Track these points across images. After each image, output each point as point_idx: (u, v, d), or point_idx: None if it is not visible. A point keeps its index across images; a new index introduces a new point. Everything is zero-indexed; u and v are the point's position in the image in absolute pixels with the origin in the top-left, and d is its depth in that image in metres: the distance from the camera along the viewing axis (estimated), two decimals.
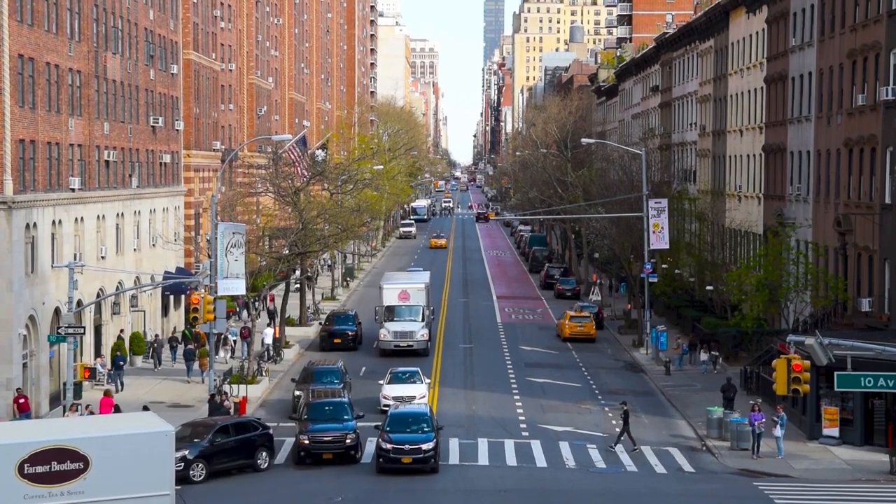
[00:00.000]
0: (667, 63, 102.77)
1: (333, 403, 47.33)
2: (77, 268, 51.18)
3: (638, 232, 74.28)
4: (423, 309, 70.99)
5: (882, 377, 40.25)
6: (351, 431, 44.75)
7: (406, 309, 70.68)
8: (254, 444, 43.57)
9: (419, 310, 70.70)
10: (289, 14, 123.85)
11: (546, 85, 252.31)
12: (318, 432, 44.52)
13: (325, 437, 44.37)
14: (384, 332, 69.22)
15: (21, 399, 48.75)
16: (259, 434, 44.06)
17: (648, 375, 64.84)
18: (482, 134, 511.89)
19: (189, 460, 41.30)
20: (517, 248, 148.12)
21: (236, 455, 43.02)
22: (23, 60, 50.88)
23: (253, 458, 43.35)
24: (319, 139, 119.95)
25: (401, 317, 70.25)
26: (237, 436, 43.30)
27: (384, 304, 71.03)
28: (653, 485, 42.17)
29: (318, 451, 44.22)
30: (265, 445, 43.92)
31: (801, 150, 64.34)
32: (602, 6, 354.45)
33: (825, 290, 57.70)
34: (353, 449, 44.63)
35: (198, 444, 42.06)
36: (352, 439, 44.63)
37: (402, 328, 69.22)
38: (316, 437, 44.31)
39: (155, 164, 71.40)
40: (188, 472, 41.02)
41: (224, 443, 42.75)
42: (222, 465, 42.47)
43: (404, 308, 70.73)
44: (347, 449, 44.46)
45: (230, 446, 42.88)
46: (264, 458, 43.62)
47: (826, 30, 60.79)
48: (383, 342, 69.05)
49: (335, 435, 44.46)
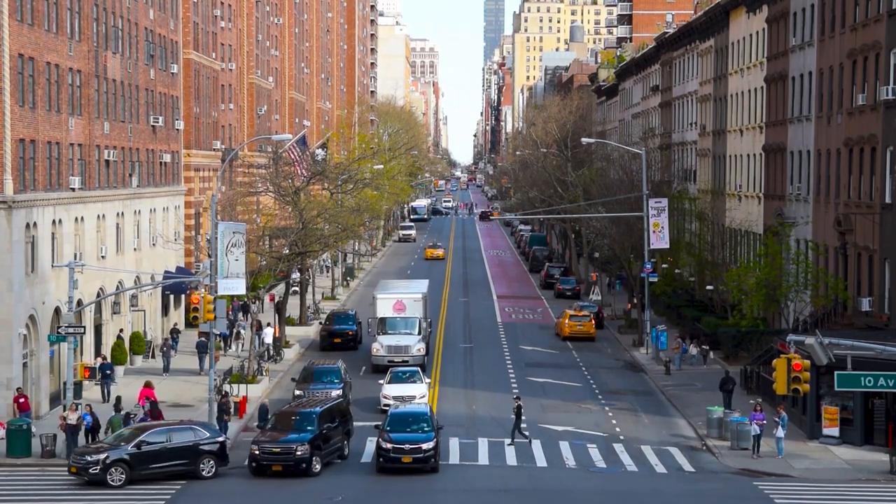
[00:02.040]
0: (667, 63, 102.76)
1: (300, 413, 44.58)
2: (77, 267, 51.14)
3: (638, 231, 74.27)
4: (420, 321, 66.08)
5: (882, 377, 40.28)
6: (303, 443, 42.13)
7: (401, 321, 65.76)
8: (197, 450, 42.11)
9: (415, 322, 65.78)
10: (289, 14, 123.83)
11: (546, 84, 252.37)
12: (267, 442, 42.56)
13: (275, 448, 42.23)
14: (377, 347, 64.03)
15: (21, 399, 48.75)
16: (205, 440, 42.47)
17: (648, 375, 64.86)
18: (482, 133, 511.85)
19: (108, 464, 40.55)
20: (517, 247, 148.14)
21: (171, 461, 41.71)
22: (23, 60, 50.87)
23: (195, 465, 41.85)
24: (319, 139, 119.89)
25: (395, 329, 65.19)
26: (174, 442, 41.96)
27: (377, 315, 66.45)
28: (653, 484, 42.18)
29: (267, 462, 42.14)
30: (212, 453, 42.25)
31: (802, 150, 64.34)
32: (602, 6, 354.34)
33: (825, 289, 57.70)
34: (305, 462, 42.00)
35: (124, 447, 41.31)
36: (303, 451, 42.05)
37: (397, 342, 63.96)
38: (265, 447, 42.34)
39: (155, 164, 71.40)
40: (105, 475, 40.43)
41: (153, 448, 41.46)
42: (149, 472, 41.28)
43: (399, 320, 65.81)
44: (298, 462, 42.01)
45: (163, 451, 41.63)
46: (209, 465, 42.03)
47: (826, 29, 60.78)
48: (376, 357, 63.81)
49: (284, 447, 42.19)
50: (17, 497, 39.71)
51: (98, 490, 40.06)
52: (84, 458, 41.12)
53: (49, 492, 40.52)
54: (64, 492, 40.41)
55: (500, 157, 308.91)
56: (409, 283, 78.77)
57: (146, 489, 40.36)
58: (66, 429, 45.62)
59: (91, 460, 40.79)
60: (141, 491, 40.13)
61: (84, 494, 39.86)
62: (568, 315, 77.80)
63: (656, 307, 79.73)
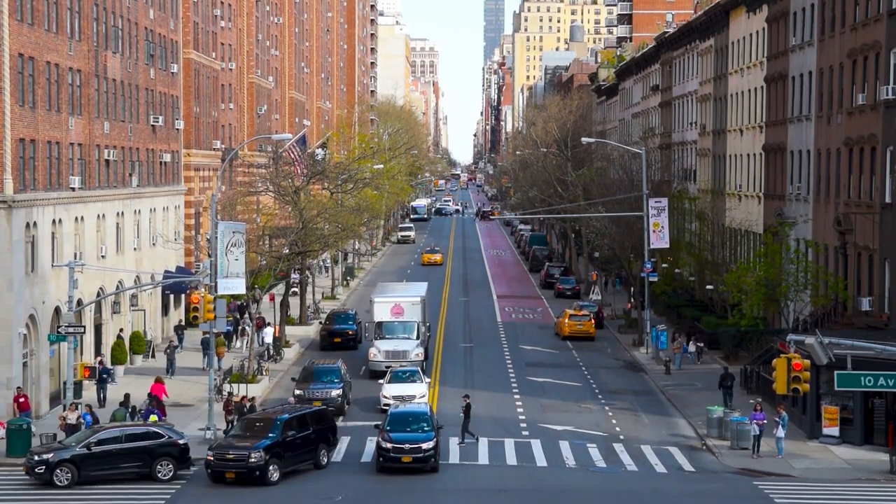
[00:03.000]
0: (667, 62, 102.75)
1: (263, 420, 43.56)
2: (77, 267, 51.15)
3: (638, 231, 74.28)
4: (419, 325, 64.81)
5: (882, 376, 40.28)
6: (258, 450, 40.80)
7: (399, 325, 64.46)
8: (153, 453, 41.61)
9: (414, 326, 64.50)
10: (289, 13, 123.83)
11: (546, 84, 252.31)
12: (223, 448, 41.39)
13: (228, 454, 40.98)
14: (374, 352, 62.79)
15: (21, 398, 48.76)
16: (163, 442, 41.98)
17: (648, 375, 64.87)
18: (482, 133, 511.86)
19: (52, 465, 40.33)
20: (517, 247, 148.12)
21: (124, 463, 41.39)
22: (23, 60, 50.87)
23: (151, 467, 41.39)
24: (319, 138, 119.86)
25: (393, 334, 63.89)
26: (128, 443, 41.59)
27: (375, 319, 65.04)
28: (653, 484, 42.17)
29: (220, 469, 40.94)
30: (170, 455, 41.71)
31: (802, 150, 64.33)
32: (602, 5, 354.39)
33: (825, 289, 57.70)
34: (259, 470, 40.63)
35: (72, 448, 41.07)
36: (257, 459, 40.66)
37: (395, 347, 62.73)
38: (219, 453, 41.09)
39: (155, 164, 71.40)
40: (52, 476, 40.24)
41: (105, 449, 41.23)
42: (100, 473, 40.95)
43: (397, 325, 64.52)
44: (251, 470, 40.65)
45: (116, 453, 41.33)
46: (167, 468, 41.51)
47: (826, 29, 60.77)
48: (373, 363, 62.56)
49: (238, 454, 40.86)
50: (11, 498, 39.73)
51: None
52: (33, 458, 40.92)
53: (12, 493, 40.30)
54: (19, 492, 40.23)
55: (500, 156, 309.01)
56: (408, 286, 77.96)
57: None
58: (65, 428, 45.67)
59: (37, 460, 40.61)
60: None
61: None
62: (568, 315, 77.80)
63: (656, 307, 79.74)
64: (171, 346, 63.10)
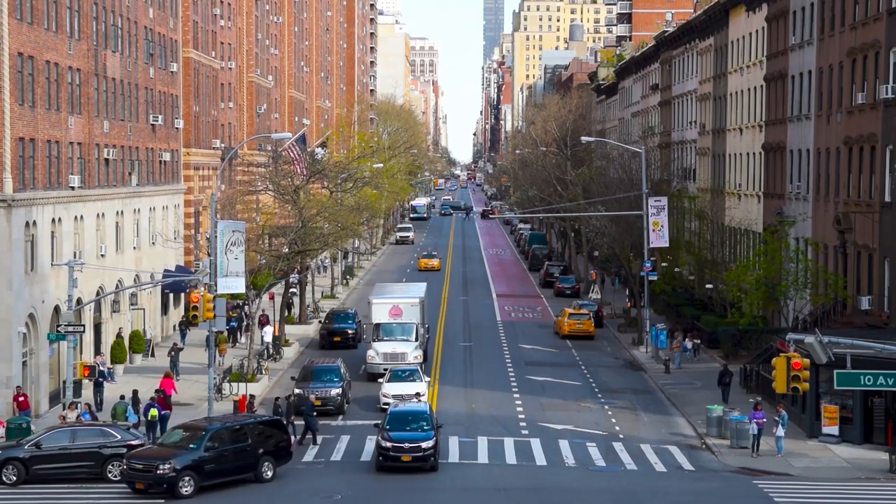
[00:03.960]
0: (666, 61, 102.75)
1: (191, 429, 41.78)
2: (77, 266, 51.18)
3: (638, 230, 74.28)
4: (417, 327, 64.00)
5: (882, 375, 40.26)
6: (167, 462, 38.89)
7: (398, 327, 63.59)
8: (103, 454, 41.28)
9: (412, 328, 63.58)
10: (288, 12, 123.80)
11: (546, 83, 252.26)
12: (136, 458, 39.79)
13: (138, 465, 39.33)
14: (372, 354, 61.90)
15: (21, 397, 48.78)
16: (115, 443, 41.62)
17: (648, 374, 64.87)
18: (482, 132, 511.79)
19: (0, 462, 40.41)
20: (517, 246, 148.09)
21: (73, 462, 41.12)
22: (22, 59, 50.87)
23: (102, 468, 41.09)
24: (319, 137, 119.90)
25: (391, 336, 62.86)
26: (77, 444, 41.34)
27: (373, 320, 64.59)
28: (652, 483, 42.17)
29: (131, 479, 39.37)
30: (122, 456, 40.84)
31: (801, 149, 64.34)
32: (602, 4, 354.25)
33: (825, 288, 57.71)
34: (168, 483, 38.78)
35: (22, 446, 41.11)
36: (166, 470, 38.73)
37: (393, 349, 61.67)
38: (131, 462, 39.63)
39: (155, 163, 71.41)
40: None
41: (53, 449, 41.03)
42: (47, 472, 40.81)
43: (396, 326, 63.68)
44: (157, 482, 38.82)
45: (64, 453, 41.18)
46: (119, 468, 40.62)
47: (826, 28, 60.78)
48: (371, 365, 61.68)
49: (147, 464, 39.20)
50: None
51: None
52: None
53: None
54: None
55: (499, 155, 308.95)
56: (407, 287, 77.28)
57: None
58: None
59: None
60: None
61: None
62: (567, 314, 77.80)
63: (656, 306, 79.77)
64: (176, 348, 62.80)
